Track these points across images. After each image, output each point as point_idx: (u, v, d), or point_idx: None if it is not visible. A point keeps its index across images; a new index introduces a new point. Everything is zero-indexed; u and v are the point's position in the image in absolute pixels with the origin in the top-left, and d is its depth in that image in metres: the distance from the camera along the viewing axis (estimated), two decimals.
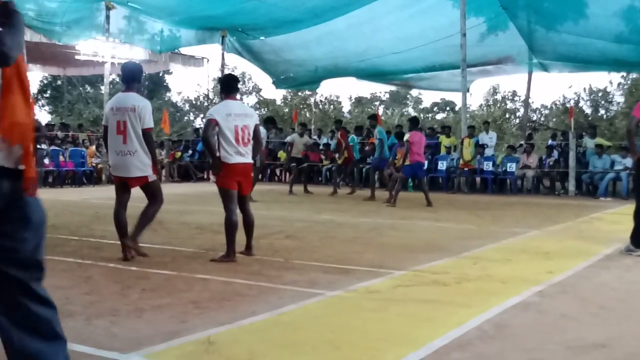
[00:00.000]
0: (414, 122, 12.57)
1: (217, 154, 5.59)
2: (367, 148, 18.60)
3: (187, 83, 77.57)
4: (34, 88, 35.47)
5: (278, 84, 22.10)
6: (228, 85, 5.83)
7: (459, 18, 14.76)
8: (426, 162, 17.57)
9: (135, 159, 5.52)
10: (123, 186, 5.68)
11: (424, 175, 12.51)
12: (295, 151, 15.03)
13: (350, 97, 41.36)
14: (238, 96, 6.23)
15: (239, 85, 6.26)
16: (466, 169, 15.72)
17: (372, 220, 9.15)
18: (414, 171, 11.96)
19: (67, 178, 16.12)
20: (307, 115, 29.41)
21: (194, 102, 39.50)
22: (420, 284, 4.76)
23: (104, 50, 17.11)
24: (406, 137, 11.94)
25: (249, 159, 5.68)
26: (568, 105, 25.19)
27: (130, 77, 5.72)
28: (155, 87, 38.68)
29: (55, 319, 2.28)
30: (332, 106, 33.52)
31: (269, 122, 13.53)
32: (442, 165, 16.22)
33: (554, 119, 29.86)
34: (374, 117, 13.86)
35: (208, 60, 22.09)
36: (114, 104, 5.64)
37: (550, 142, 17.82)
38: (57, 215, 8.78)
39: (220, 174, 5.60)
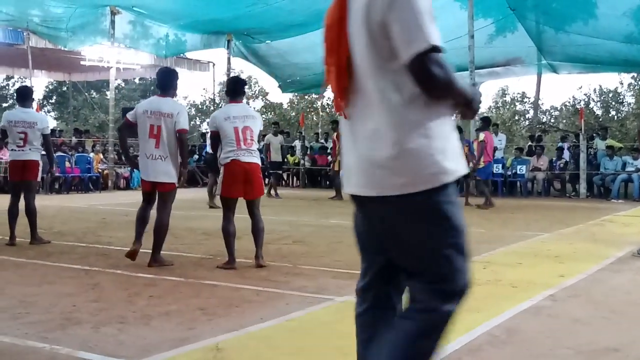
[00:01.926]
0: (487, 122, 12.48)
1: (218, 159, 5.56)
2: None
3: (193, 87, 77.84)
4: (39, 94, 35.69)
5: (284, 87, 22.10)
6: (232, 89, 5.73)
7: (467, 19, 14.70)
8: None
9: (167, 164, 5.53)
10: (151, 193, 5.67)
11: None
12: (274, 153, 14.89)
13: None
14: (248, 101, 6.21)
15: (246, 88, 6.13)
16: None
17: None
18: (489, 172, 11.84)
19: (73, 184, 16.17)
20: (314, 118, 29.39)
21: (200, 106, 39.60)
22: None
23: (109, 55, 17.18)
24: (481, 137, 11.75)
25: (252, 159, 5.47)
26: (578, 107, 25.06)
27: (167, 83, 5.74)
28: None
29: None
30: None
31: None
32: None
33: (564, 121, 29.69)
34: None
35: (214, 64, 22.17)
36: (148, 107, 5.61)
37: (560, 144, 17.72)
38: (64, 222, 8.78)
39: (223, 180, 5.45)
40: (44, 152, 7.00)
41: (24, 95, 7.02)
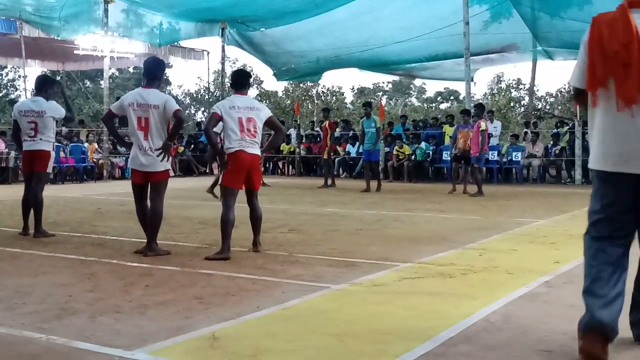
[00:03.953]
0: (482, 109, 12.56)
1: (220, 147, 5.56)
2: None
3: (188, 76, 77.50)
4: (32, 84, 35.50)
5: (279, 75, 22.01)
6: (235, 81, 5.78)
7: (462, 6, 14.64)
8: (428, 152, 17.55)
9: (157, 154, 5.52)
10: (143, 185, 5.64)
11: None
12: None
13: (353, 88, 41.24)
14: (252, 90, 6.20)
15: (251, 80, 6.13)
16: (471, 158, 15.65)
17: (376, 212, 9.11)
18: (484, 160, 11.88)
19: (68, 174, 16.13)
20: (310, 107, 29.30)
21: (194, 95, 39.47)
22: (425, 276, 4.72)
23: (102, 44, 17.07)
24: (483, 125, 11.67)
25: (255, 151, 5.54)
26: None
27: (153, 73, 5.71)
28: None
29: None
30: (334, 97, 33.40)
31: None
32: (446, 156, 16.13)
33: (560, 107, 29.68)
34: (369, 105, 13.61)
35: (208, 52, 22.08)
36: (134, 99, 5.57)
37: (555, 130, 17.70)
38: (59, 212, 8.77)
39: (227, 170, 5.48)
40: (57, 143, 6.88)
41: (37, 84, 6.90)
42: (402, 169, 16.53)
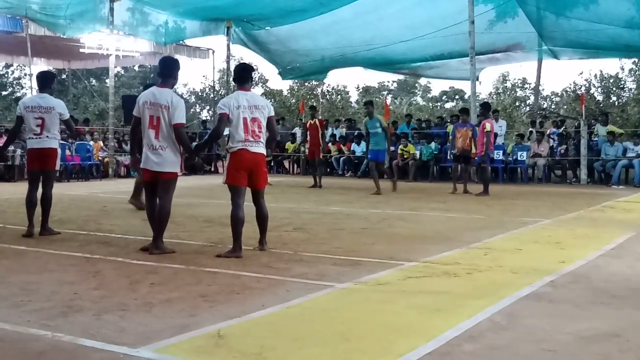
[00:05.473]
0: (487, 108, 12.46)
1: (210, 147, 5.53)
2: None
3: (193, 75, 77.51)
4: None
5: (284, 74, 22.01)
6: (239, 76, 5.72)
7: (467, 5, 14.61)
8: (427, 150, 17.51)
9: (167, 154, 5.54)
10: (154, 183, 5.66)
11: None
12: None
13: (358, 87, 41.18)
14: (257, 88, 6.17)
15: (254, 74, 6.10)
16: (476, 158, 15.61)
17: (381, 211, 9.11)
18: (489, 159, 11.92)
19: (73, 172, 16.18)
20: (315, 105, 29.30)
21: (199, 93, 39.49)
22: (430, 275, 4.72)
23: (108, 42, 17.11)
24: (488, 127, 11.59)
25: (259, 149, 5.52)
26: (579, 93, 24.94)
27: (167, 72, 5.73)
28: None
29: None
30: (339, 96, 33.36)
31: None
32: (451, 155, 16.08)
33: (565, 107, 29.58)
34: (371, 104, 13.26)
35: (214, 51, 22.07)
36: (148, 97, 5.60)
37: (554, 130, 17.60)
38: (64, 210, 8.79)
39: (229, 168, 5.52)
40: (62, 141, 6.85)
41: (42, 80, 6.86)
42: (407, 168, 16.52)
